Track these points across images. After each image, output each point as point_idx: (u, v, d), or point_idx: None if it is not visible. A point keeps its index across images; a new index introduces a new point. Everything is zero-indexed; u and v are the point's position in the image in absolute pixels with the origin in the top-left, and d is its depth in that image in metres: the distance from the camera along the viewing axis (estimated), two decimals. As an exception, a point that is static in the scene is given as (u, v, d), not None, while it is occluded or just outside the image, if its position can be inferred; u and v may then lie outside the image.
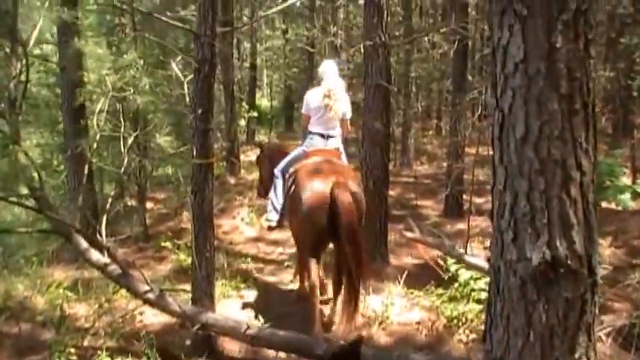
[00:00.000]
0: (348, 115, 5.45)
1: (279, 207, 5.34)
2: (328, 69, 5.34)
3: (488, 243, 7.00)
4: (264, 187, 6.03)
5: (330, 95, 5.14)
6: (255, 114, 15.83)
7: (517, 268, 1.97)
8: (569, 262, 1.89)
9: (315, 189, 4.56)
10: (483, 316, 4.67)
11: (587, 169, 1.90)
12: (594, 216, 1.94)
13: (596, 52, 1.92)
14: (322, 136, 5.23)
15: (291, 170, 5.11)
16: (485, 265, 3.76)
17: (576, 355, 1.95)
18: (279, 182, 5.37)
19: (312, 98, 5.25)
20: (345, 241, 4.49)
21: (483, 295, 4.78)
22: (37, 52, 8.90)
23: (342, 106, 5.28)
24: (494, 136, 2.03)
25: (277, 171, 5.42)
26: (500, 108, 1.98)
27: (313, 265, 4.70)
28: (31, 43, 5.43)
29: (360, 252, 4.56)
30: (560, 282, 1.90)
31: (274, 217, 5.37)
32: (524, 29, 1.87)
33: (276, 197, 5.38)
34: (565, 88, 1.85)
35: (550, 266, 1.89)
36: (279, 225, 5.44)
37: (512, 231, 1.98)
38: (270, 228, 5.60)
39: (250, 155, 13.62)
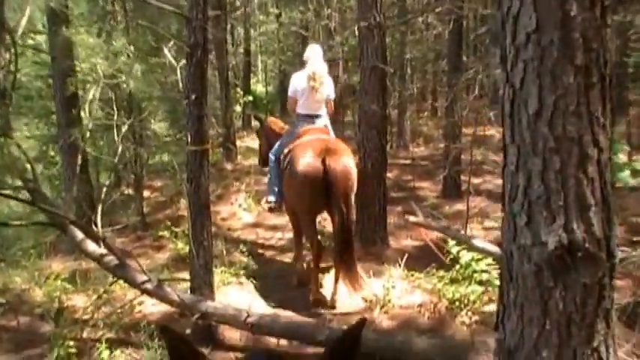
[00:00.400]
0: (332, 95, 5.77)
1: (276, 188, 5.56)
2: (313, 53, 5.57)
3: (487, 223, 6.99)
4: (263, 159, 6.37)
5: (315, 78, 5.40)
6: (251, 99, 15.78)
7: (531, 253, 1.87)
8: (586, 245, 1.78)
9: (308, 160, 4.84)
10: (485, 298, 4.64)
11: (605, 146, 1.78)
12: (612, 196, 1.84)
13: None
14: (310, 116, 5.52)
15: (286, 151, 5.31)
16: (493, 248, 3.66)
17: (595, 344, 1.85)
18: (273, 165, 5.58)
19: (298, 81, 5.51)
20: (338, 207, 4.79)
21: (485, 277, 4.75)
22: (29, 42, 8.76)
23: (327, 88, 5.55)
24: (504, 113, 1.91)
25: (271, 154, 5.63)
26: (511, 82, 1.86)
27: (313, 228, 5.13)
28: (20, 31, 5.31)
29: (351, 218, 4.97)
30: (578, 267, 1.80)
31: (273, 198, 5.60)
32: None
33: (273, 179, 5.60)
34: (581, 60, 1.73)
35: (567, 250, 1.79)
36: (279, 206, 5.66)
37: (525, 214, 1.87)
38: (270, 210, 5.91)
39: (247, 141, 13.55)
